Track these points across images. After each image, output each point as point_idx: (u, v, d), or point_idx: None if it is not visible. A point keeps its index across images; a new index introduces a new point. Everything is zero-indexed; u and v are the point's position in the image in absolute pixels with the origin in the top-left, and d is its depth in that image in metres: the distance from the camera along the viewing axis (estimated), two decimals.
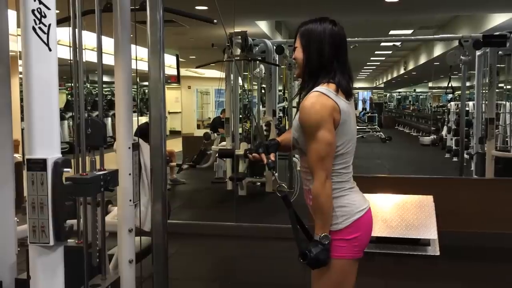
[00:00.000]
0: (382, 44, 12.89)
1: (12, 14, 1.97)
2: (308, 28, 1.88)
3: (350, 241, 1.83)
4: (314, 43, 1.85)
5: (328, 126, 1.77)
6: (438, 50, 12.22)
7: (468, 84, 9.00)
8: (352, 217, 1.84)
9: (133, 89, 2.32)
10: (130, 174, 2.26)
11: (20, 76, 1.57)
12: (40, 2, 1.42)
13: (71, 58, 1.94)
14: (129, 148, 2.26)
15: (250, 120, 7.42)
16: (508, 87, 7.41)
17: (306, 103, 1.80)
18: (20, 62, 1.52)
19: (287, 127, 7.80)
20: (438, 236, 4.23)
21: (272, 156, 2.00)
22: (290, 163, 6.73)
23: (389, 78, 25.09)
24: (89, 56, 2.04)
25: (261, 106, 7.46)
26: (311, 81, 1.86)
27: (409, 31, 10.88)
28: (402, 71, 19.70)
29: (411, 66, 17.41)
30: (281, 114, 8.70)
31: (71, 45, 1.93)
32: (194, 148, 8.12)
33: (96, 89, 2.23)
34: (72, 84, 1.95)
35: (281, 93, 9.10)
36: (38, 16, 1.42)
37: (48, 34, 1.44)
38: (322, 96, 1.79)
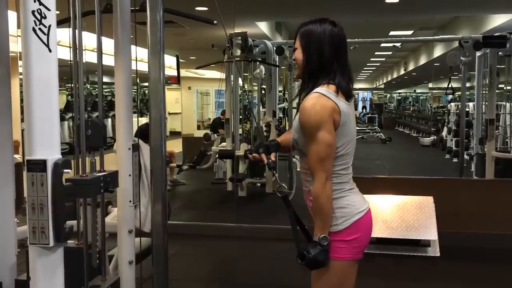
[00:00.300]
0: (382, 45, 12.90)
1: (12, 15, 1.97)
2: (308, 29, 1.88)
3: (350, 242, 1.83)
4: (314, 44, 1.85)
5: (328, 127, 1.77)
6: (438, 51, 12.22)
7: (468, 85, 9.00)
8: (352, 218, 1.84)
9: (133, 90, 2.32)
10: (130, 175, 2.26)
11: (20, 77, 1.57)
12: (40, 3, 1.43)
13: (71, 59, 1.94)
14: (129, 149, 2.26)
15: (250, 121, 7.42)
16: (508, 88, 7.41)
17: (306, 104, 1.80)
18: (20, 63, 1.52)
19: (287, 128, 7.80)
20: (438, 237, 4.23)
21: (272, 156, 2.00)
22: (290, 164, 6.73)
23: (389, 79, 25.08)
24: (89, 57, 2.04)
25: (261, 107, 7.46)
26: (311, 82, 1.86)
27: (409, 32, 10.87)
28: (402, 72, 19.70)
29: (411, 67, 17.41)
30: (281, 115, 8.70)
31: (71, 46, 1.93)
32: (194, 149, 8.12)
33: (96, 90, 2.22)
34: (72, 85, 1.95)
35: (281, 94, 9.10)
36: (38, 17, 1.42)
37: (48, 35, 1.44)
38: (322, 97, 1.79)
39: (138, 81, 2.81)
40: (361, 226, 1.86)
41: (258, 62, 6.89)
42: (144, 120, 3.31)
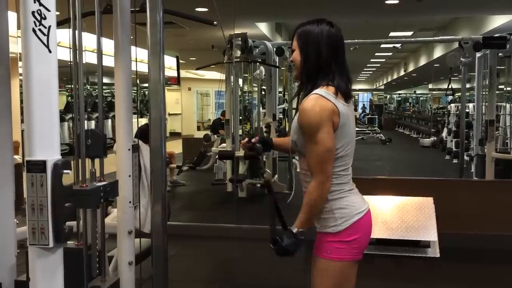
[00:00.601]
0: (382, 46, 12.91)
1: (12, 16, 1.97)
2: (305, 30, 1.88)
3: (350, 243, 1.83)
4: (311, 45, 1.85)
5: (327, 129, 1.77)
6: (438, 52, 12.23)
7: (468, 86, 9.01)
8: (352, 219, 1.84)
9: (133, 91, 2.32)
10: (130, 176, 2.25)
11: (20, 77, 1.57)
12: (40, 4, 1.42)
13: (71, 60, 1.94)
14: (129, 149, 2.25)
15: (250, 121, 7.42)
16: (508, 88, 7.40)
17: (305, 105, 1.80)
18: (20, 63, 1.52)
19: (287, 129, 7.80)
20: (438, 238, 4.23)
21: (254, 139, 2.07)
22: (290, 165, 6.73)
23: (389, 79, 25.11)
24: (89, 57, 2.04)
25: (261, 108, 7.47)
26: (310, 83, 1.86)
27: (409, 33, 10.88)
28: (402, 72, 19.73)
29: (411, 67, 17.44)
30: (281, 116, 8.70)
31: (71, 47, 1.93)
32: (194, 149, 8.11)
33: (96, 90, 2.22)
34: (72, 86, 1.95)
35: (281, 94, 9.11)
36: (38, 18, 1.42)
37: (48, 35, 1.44)
38: (322, 98, 1.79)
39: (138, 82, 2.81)
40: (360, 226, 1.86)
41: (258, 63, 6.89)
42: (144, 121, 3.31)
